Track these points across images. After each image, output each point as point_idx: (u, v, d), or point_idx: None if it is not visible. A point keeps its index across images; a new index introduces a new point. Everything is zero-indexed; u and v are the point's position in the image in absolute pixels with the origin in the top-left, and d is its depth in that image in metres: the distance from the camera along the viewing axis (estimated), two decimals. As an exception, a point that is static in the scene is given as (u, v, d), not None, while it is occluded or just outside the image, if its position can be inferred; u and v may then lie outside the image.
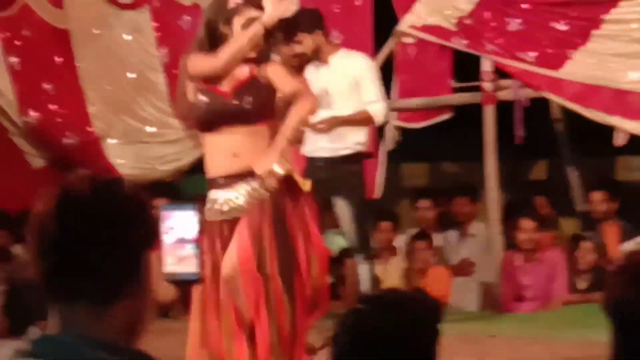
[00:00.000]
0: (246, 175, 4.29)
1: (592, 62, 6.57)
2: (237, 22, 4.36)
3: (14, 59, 7.64)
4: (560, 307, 6.44)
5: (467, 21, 6.94)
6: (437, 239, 7.22)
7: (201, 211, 4.18)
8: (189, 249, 4.07)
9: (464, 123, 7.22)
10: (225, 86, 4.41)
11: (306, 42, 5.87)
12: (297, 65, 6.12)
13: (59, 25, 7.77)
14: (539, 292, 6.64)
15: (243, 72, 4.42)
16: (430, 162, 8.63)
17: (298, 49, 5.89)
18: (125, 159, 7.82)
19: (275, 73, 4.44)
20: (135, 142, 7.71)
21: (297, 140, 6.06)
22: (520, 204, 7.32)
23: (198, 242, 3.91)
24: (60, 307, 1.73)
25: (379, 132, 6.96)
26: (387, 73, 6.85)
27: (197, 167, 7.75)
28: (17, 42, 7.65)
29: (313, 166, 5.94)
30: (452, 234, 7.39)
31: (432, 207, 7.48)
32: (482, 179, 7.06)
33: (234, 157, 4.31)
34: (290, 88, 4.40)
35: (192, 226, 4.15)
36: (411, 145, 7.44)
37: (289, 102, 4.37)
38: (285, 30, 5.95)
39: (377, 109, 5.89)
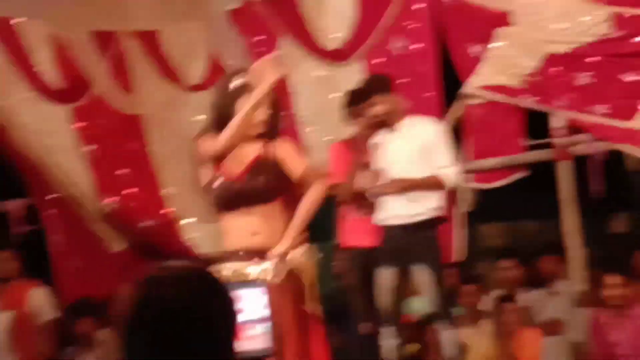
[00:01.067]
0: (265, 251, 4.38)
1: (665, 110, 6.46)
2: (240, 103, 4.42)
3: (88, 148, 7.79)
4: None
5: (535, 78, 6.89)
6: (523, 298, 7.08)
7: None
8: (259, 329, 4.08)
9: (540, 180, 7.13)
10: (237, 168, 4.48)
11: (381, 104, 5.89)
12: (368, 132, 6.14)
13: (130, 112, 7.92)
14: (631, 349, 6.44)
15: (252, 152, 4.50)
16: (509, 221, 8.54)
17: (372, 111, 5.90)
18: (201, 238, 7.88)
19: (286, 152, 4.50)
20: (210, 221, 7.76)
21: (366, 207, 6.07)
22: (605, 259, 7.16)
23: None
24: None
25: (454, 195, 6.90)
26: (456, 136, 6.83)
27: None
28: (91, 131, 7.80)
29: (389, 234, 5.91)
30: (539, 293, 7.24)
31: (515, 267, 7.35)
32: (562, 236, 6.93)
33: (253, 235, 4.42)
34: (300, 170, 4.47)
35: (261, 305, 4.17)
36: (489, 206, 7.36)
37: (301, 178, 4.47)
38: (360, 93, 5.99)
39: (449, 173, 5.87)
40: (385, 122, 5.94)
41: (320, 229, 8.69)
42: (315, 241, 8.60)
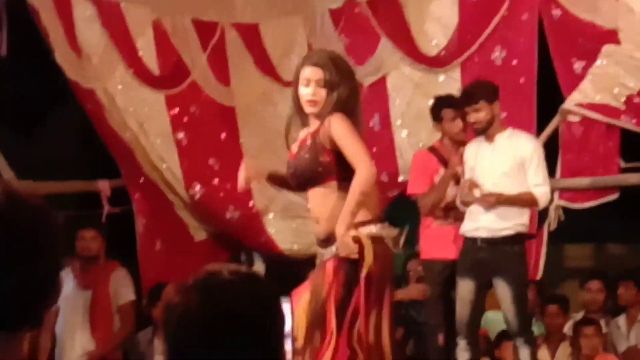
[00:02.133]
0: (329, 237, 4.36)
1: None
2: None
3: (181, 135, 7.86)
4: None
5: (637, 100, 6.72)
6: (603, 324, 6.92)
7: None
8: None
9: (631, 204, 6.95)
10: (295, 148, 4.49)
11: (484, 111, 5.81)
12: (461, 141, 6.08)
13: (225, 103, 7.97)
14: None
15: (305, 132, 4.50)
16: (595, 243, 8.35)
17: (475, 117, 5.83)
18: (284, 233, 7.90)
19: (336, 130, 4.37)
20: (295, 217, 7.77)
21: (452, 218, 6.01)
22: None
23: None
24: None
25: (541, 212, 6.77)
26: (550, 151, 6.69)
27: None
28: (185, 119, 7.87)
29: (473, 246, 5.84)
30: (620, 320, 7.07)
31: (601, 290, 7.18)
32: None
33: (317, 224, 4.44)
34: (349, 150, 4.33)
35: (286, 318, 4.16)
36: (575, 226, 7.21)
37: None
38: (466, 96, 5.92)
39: (542, 192, 5.77)
40: (484, 131, 5.86)
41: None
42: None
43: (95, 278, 6.83)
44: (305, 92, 4.46)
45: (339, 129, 4.34)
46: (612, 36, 6.83)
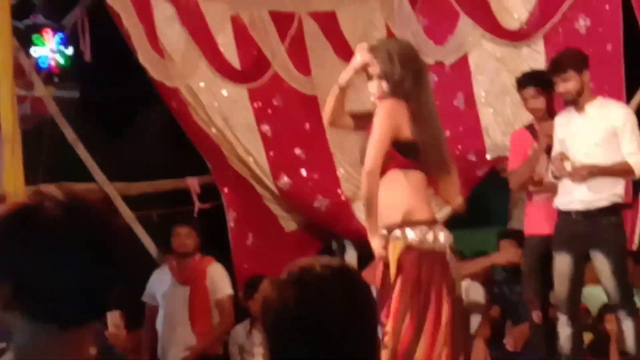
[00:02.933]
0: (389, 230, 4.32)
1: None
2: None
3: (266, 127, 7.90)
4: None
5: None
6: None
7: None
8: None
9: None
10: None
11: (574, 81, 5.72)
12: (547, 111, 5.99)
13: (308, 92, 7.98)
14: None
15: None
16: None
17: (564, 87, 5.73)
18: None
19: (375, 119, 4.33)
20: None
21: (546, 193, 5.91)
22: None
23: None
24: None
25: (636, 180, 6.63)
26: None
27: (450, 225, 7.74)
28: (268, 111, 7.91)
29: (568, 219, 5.74)
30: None
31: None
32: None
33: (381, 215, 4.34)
34: (368, 144, 4.32)
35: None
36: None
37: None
38: (554, 65, 5.82)
39: (638, 160, 5.63)
40: (574, 101, 5.75)
41: (493, 213, 8.61)
42: (487, 225, 8.55)
43: (192, 274, 6.92)
44: (369, 86, 4.47)
45: (375, 120, 4.34)
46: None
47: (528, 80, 6.21)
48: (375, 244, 4.23)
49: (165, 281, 6.95)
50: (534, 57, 7.33)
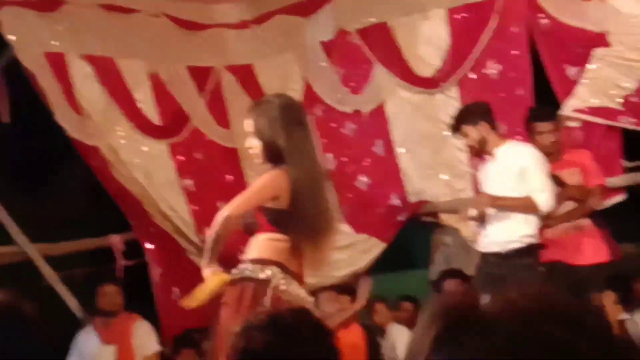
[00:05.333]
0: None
1: None
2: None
3: (188, 181, 7.92)
4: None
5: (634, 99, 6.77)
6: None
7: None
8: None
9: (638, 203, 6.96)
10: None
11: (471, 135, 5.90)
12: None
13: (228, 145, 8.03)
14: None
15: None
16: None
17: (469, 140, 5.93)
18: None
19: (261, 177, 4.42)
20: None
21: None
22: None
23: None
24: None
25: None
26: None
27: (373, 269, 7.82)
28: (190, 165, 7.94)
29: (486, 261, 5.87)
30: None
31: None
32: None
33: None
34: (243, 193, 4.47)
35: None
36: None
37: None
38: (452, 127, 6.03)
39: (543, 198, 5.80)
40: (482, 151, 5.93)
41: (415, 256, 8.73)
42: (409, 269, 8.65)
43: (118, 332, 6.86)
44: (247, 142, 4.49)
45: (257, 180, 4.43)
46: (601, 39, 6.88)
47: (536, 116, 6.32)
48: (207, 271, 4.41)
49: (90, 341, 6.87)
50: (450, 102, 7.50)
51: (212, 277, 4.35)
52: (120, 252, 7.90)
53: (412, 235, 8.36)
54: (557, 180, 6.03)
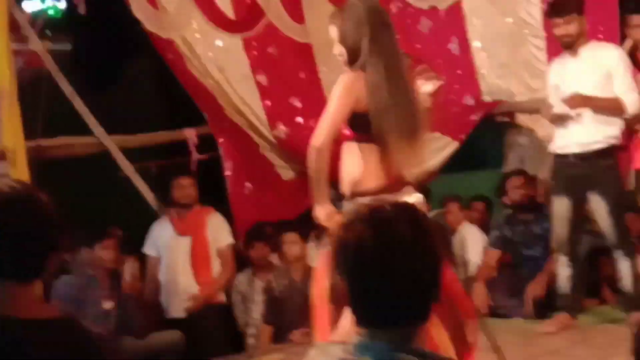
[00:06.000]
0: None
1: None
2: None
3: (261, 76, 7.91)
4: None
5: None
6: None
7: None
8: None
9: None
10: None
11: (576, 23, 5.74)
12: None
13: (302, 40, 7.98)
14: None
15: None
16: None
17: (565, 29, 5.74)
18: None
19: (335, 89, 4.21)
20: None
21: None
22: None
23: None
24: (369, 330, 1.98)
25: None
26: (633, 62, 6.56)
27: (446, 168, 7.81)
28: (263, 60, 7.92)
29: (565, 162, 5.80)
30: None
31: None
32: None
33: None
34: (323, 116, 4.20)
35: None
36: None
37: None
38: (558, 7, 5.81)
39: (630, 99, 5.69)
40: (571, 44, 5.77)
41: (488, 156, 8.67)
42: (482, 168, 8.60)
43: (192, 224, 6.97)
44: (334, 48, 4.27)
45: (332, 95, 4.20)
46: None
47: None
48: (320, 213, 4.10)
49: (166, 232, 7.00)
50: (530, 0, 7.34)
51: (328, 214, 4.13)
52: (194, 146, 7.97)
53: (486, 135, 8.30)
54: None
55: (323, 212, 4.09)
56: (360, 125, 4.15)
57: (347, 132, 4.23)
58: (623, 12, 6.16)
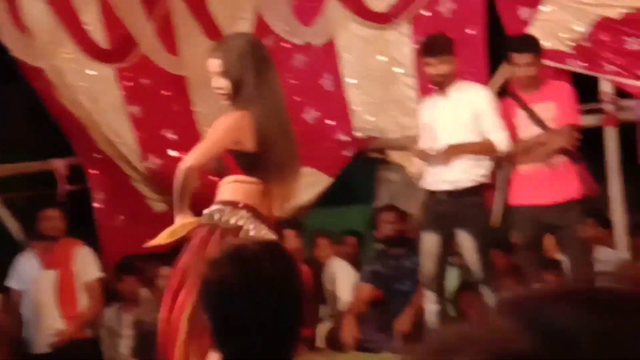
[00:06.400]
0: None
1: None
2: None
3: (134, 108, 7.82)
4: None
5: (585, 43, 6.81)
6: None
7: None
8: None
9: (585, 146, 7.04)
10: None
11: (447, 64, 5.84)
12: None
13: (176, 72, 7.93)
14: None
15: None
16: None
17: (437, 69, 5.84)
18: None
19: (219, 121, 4.31)
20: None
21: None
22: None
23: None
24: None
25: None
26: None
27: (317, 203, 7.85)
28: (137, 91, 7.83)
29: (434, 199, 5.90)
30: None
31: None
32: (606, 202, 6.86)
33: None
34: (203, 141, 4.35)
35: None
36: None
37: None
38: (430, 47, 5.91)
39: (499, 138, 5.83)
40: (442, 84, 5.88)
41: (359, 191, 8.76)
42: (352, 203, 8.69)
43: (59, 257, 6.82)
44: (213, 81, 4.34)
45: (216, 125, 4.29)
46: (555, -18, 6.89)
47: (525, 46, 6.07)
48: (178, 221, 4.30)
49: (31, 265, 6.83)
50: (402, 39, 7.48)
51: (183, 222, 4.26)
52: (63, 177, 7.80)
53: (357, 170, 8.38)
54: (534, 117, 5.94)
55: (181, 218, 4.24)
56: (245, 163, 4.17)
57: (231, 168, 4.24)
58: (508, 50, 6.27)
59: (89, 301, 6.87)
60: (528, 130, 5.94)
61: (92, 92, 7.65)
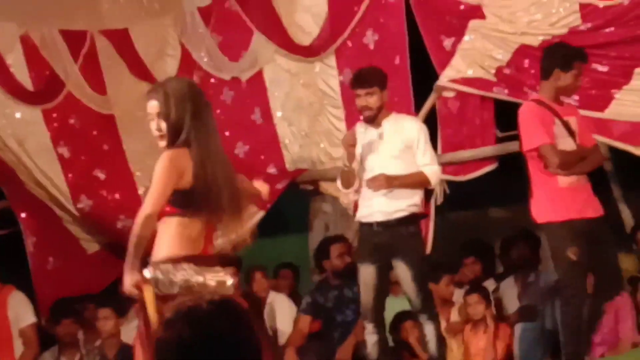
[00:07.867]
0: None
1: (637, 99, 6.55)
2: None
3: (63, 149, 7.77)
4: (629, 349, 6.33)
5: (506, 70, 6.97)
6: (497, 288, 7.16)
7: None
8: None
9: (510, 170, 7.19)
10: None
11: (377, 97, 5.91)
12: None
13: (104, 111, 7.90)
14: (607, 336, 6.55)
15: None
16: (478, 210, 8.65)
17: (366, 101, 5.91)
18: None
19: (155, 169, 4.23)
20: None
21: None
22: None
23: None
24: None
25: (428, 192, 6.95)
26: (429, 128, 6.86)
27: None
28: (65, 132, 7.78)
29: (369, 230, 5.96)
30: (509, 282, 7.27)
31: (476, 262, 7.40)
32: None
33: None
34: (151, 188, 4.22)
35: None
36: (458, 195, 7.42)
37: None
38: (361, 79, 5.97)
39: (432, 171, 5.93)
40: (373, 118, 5.95)
41: (292, 222, 8.80)
42: (286, 234, 8.73)
43: (-7, 305, 6.73)
44: (150, 125, 4.34)
45: (157, 168, 4.21)
46: (477, 11, 7.04)
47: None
48: (127, 280, 4.09)
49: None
50: (328, 71, 7.58)
51: (146, 294, 4.09)
52: (-8, 221, 7.71)
53: (289, 201, 8.42)
54: (569, 129, 5.68)
55: (130, 280, 4.08)
56: (181, 202, 4.17)
57: (167, 208, 4.22)
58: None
59: (24, 347, 6.77)
60: (566, 142, 5.68)
61: (19, 135, 7.58)
